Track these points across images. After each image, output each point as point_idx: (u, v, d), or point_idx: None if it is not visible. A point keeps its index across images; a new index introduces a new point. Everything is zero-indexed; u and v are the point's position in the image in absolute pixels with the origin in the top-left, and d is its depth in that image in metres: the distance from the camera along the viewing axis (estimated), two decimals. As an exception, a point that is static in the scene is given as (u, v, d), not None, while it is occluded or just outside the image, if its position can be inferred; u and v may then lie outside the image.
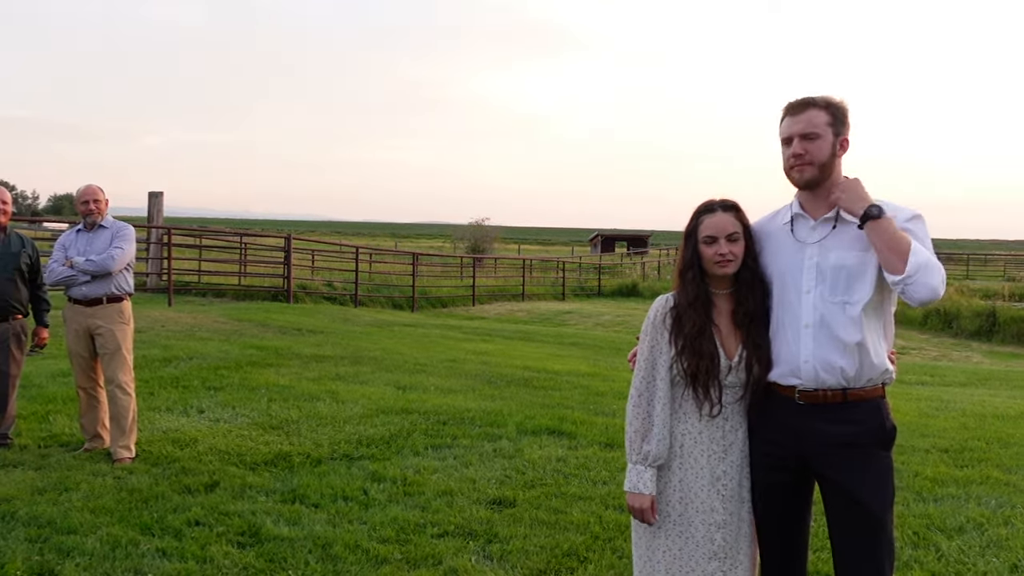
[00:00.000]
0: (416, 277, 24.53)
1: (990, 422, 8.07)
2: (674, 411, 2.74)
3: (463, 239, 48.57)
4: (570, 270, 37.49)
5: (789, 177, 2.67)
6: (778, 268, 2.70)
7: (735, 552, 2.73)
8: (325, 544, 4.20)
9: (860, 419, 2.60)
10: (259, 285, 20.62)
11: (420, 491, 5.13)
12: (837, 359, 2.57)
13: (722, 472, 2.72)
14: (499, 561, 4.12)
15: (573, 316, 23.62)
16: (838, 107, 2.62)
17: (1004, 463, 6.36)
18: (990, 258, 57.09)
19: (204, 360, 9.66)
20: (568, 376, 10.15)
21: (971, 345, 19.66)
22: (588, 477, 5.59)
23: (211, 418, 6.84)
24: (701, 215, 2.72)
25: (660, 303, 2.79)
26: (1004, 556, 4.42)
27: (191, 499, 4.82)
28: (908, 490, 5.55)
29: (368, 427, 6.70)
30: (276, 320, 14.45)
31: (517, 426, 6.94)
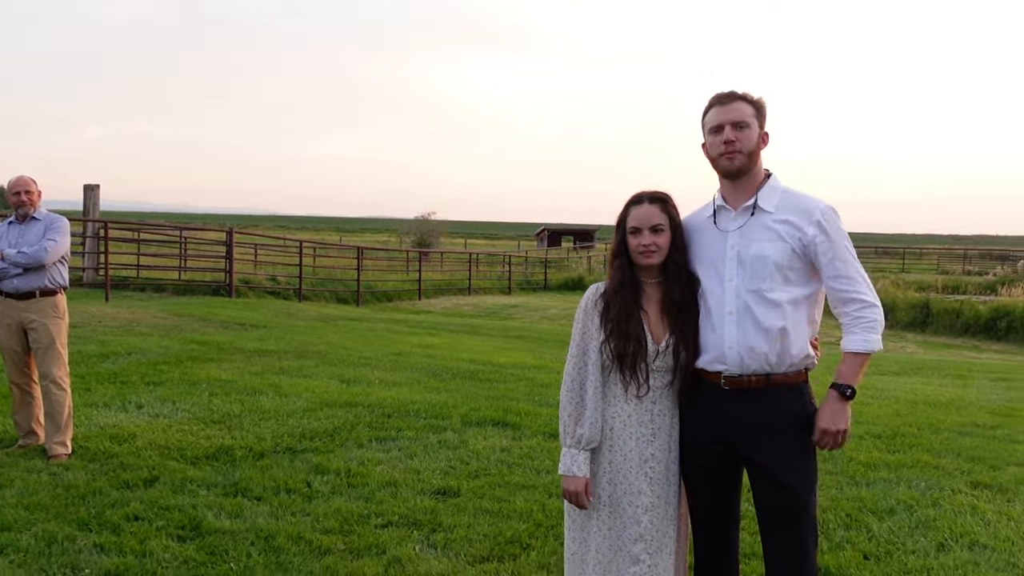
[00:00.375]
0: (361, 271, 24.36)
1: (921, 409, 8.34)
2: (604, 395, 2.80)
3: (409, 233, 48.39)
4: (516, 264, 37.59)
5: (717, 165, 2.75)
6: (703, 258, 2.78)
7: (661, 535, 2.79)
8: (268, 536, 4.17)
9: (783, 403, 2.69)
10: (200, 280, 20.27)
11: (364, 482, 5.12)
12: (760, 345, 2.65)
13: (650, 455, 2.79)
14: (443, 549, 4.14)
15: (519, 310, 23.70)
16: (760, 103, 2.74)
17: (934, 447, 6.58)
18: (925, 252, 58.72)
19: (143, 355, 9.49)
20: (513, 369, 10.19)
21: (906, 336, 20.24)
22: (532, 466, 5.64)
23: (150, 413, 6.73)
24: (630, 206, 2.80)
25: (591, 291, 2.86)
26: (932, 535, 4.58)
27: (130, 494, 4.74)
28: (842, 475, 5.72)
29: (312, 420, 6.65)
30: (218, 315, 14.24)
31: (462, 418, 6.97)
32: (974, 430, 7.36)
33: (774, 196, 2.71)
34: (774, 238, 2.66)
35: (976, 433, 7.23)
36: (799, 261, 2.67)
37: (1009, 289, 25.58)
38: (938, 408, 8.43)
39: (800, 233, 2.65)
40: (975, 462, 6.18)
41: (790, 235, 2.65)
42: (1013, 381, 11.17)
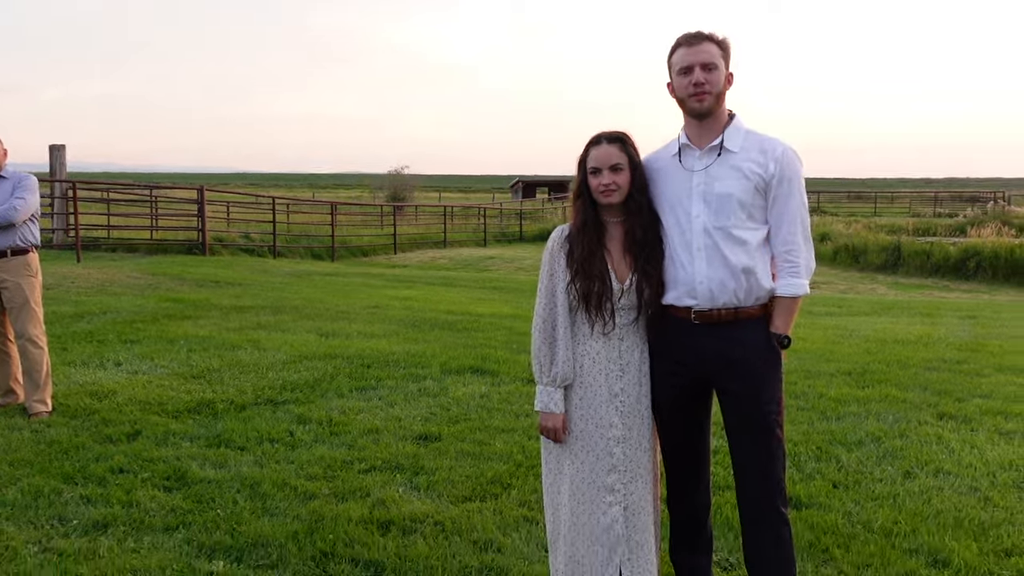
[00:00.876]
0: (335, 227, 24.23)
1: (890, 347, 8.53)
2: (573, 334, 2.86)
3: (382, 188, 48.01)
4: (491, 216, 37.52)
5: (685, 106, 2.77)
6: (668, 197, 2.83)
7: (634, 466, 2.88)
8: (253, 484, 4.24)
9: (751, 334, 2.77)
10: (172, 239, 20.09)
11: (346, 430, 5.19)
12: (729, 280, 2.72)
13: (620, 389, 2.86)
14: (426, 491, 4.23)
15: (495, 261, 23.75)
16: (726, 43, 2.76)
17: (902, 383, 6.76)
18: (896, 196, 59.22)
19: (118, 315, 9.45)
20: (491, 318, 10.27)
21: (877, 278, 20.52)
22: (510, 411, 5.74)
23: (129, 370, 6.73)
24: (589, 147, 2.84)
25: (556, 233, 2.91)
26: (898, 464, 4.74)
27: (113, 448, 4.78)
28: (813, 410, 5.87)
29: (291, 373, 6.70)
30: (192, 273, 14.17)
31: (441, 366, 7.04)
32: (941, 365, 7.56)
33: (738, 136, 2.76)
34: (739, 177, 2.72)
35: (943, 368, 7.42)
36: (761, 199, 2.73)
37: (978, 230, 25.95)
38: (907, 345, 8.63)
39: (762, 170, 2.70)
40: (941, 395, 6.36)
41: (753, 173, 2.71)
42: (980, 318, 11.42)
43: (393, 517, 3.86)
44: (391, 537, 3.67)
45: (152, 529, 3.71)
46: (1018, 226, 28.43)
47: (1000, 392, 6.49)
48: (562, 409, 2.84)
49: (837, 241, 24.08)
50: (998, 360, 7.86)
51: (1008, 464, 4.76)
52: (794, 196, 2.73)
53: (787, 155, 2.72)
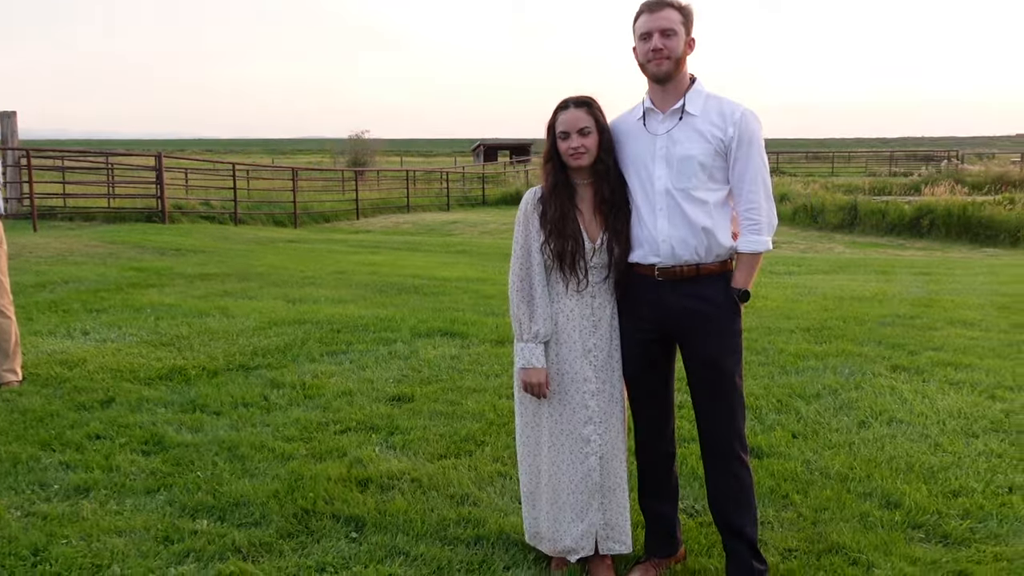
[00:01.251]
0: (297, 192, 24.05)
1: (847, 303, 8.78)
2: (548, 292, 2.98)
3: (343, 153, 47.55)
4: (454, 181, 37.43)
5: (646, 70, 2.88)
6: (633, 159, 2.95)
7: (608, 416, 3.03)
8: (231, 446, 4.32)
9: (711, 290, 2.91)
10: (131, 207, 19.81)
11: (320, 394, 5.28)
12: (689, 238, 2.85)
13: (593, 345, 3.00)
14: (402, 450, 4.35)
15: (459, 225, 23.77)
16: (688, 9, 2.86)
17: (858, 337, 6.99)
18: (853, 156, 59.99)
19: (82, 284, 9.38)
20: (457, 282, 10.36)
21: (835, 237, 20.92)
22: (481, 371, 5.86)
23: (97, 339, 6.73)
24: (557, 112, 2.94)
25: (529, 195, 3.02)
26: (854, 415, 4.95)
27: (88, 415, 4.82)
28: (773, 365, 6.07)
29: (262, 339, 6.75)
30: (153, 241, 14.04)
31: (411, 330, 7.13)
32: (895, 320, 7.81)
33: (699, 100, 2.87)
34: (699, 139, 2.84)
35: (897, 323, 7.67)
36: (721, 160, 2.85)
37: (932, 188, 26.51)
38: (863, 302, 8.89)
39: (721, 133, 2.82)
40: (895, 348, 6.60)
41: (713, 136, 2.82)
42: (933, 275, 11.75)
43: (371, 475, 3.98)
44: (370, 494, 3.78)
45: (133, 492, 3.78)
46: (970, 184, 29.07)
47: (951, 344, 6.74)
48: (544, 364, 2.97)
49: (796, 201, 24.45)
50: (949, 314, 8.14)
51: (957, 412, 4.99)
52: (754, 157, 2.84)
53: (746, 118, 2.83)
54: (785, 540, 3.39)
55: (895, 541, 3.35)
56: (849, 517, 3.59)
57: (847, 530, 3.45)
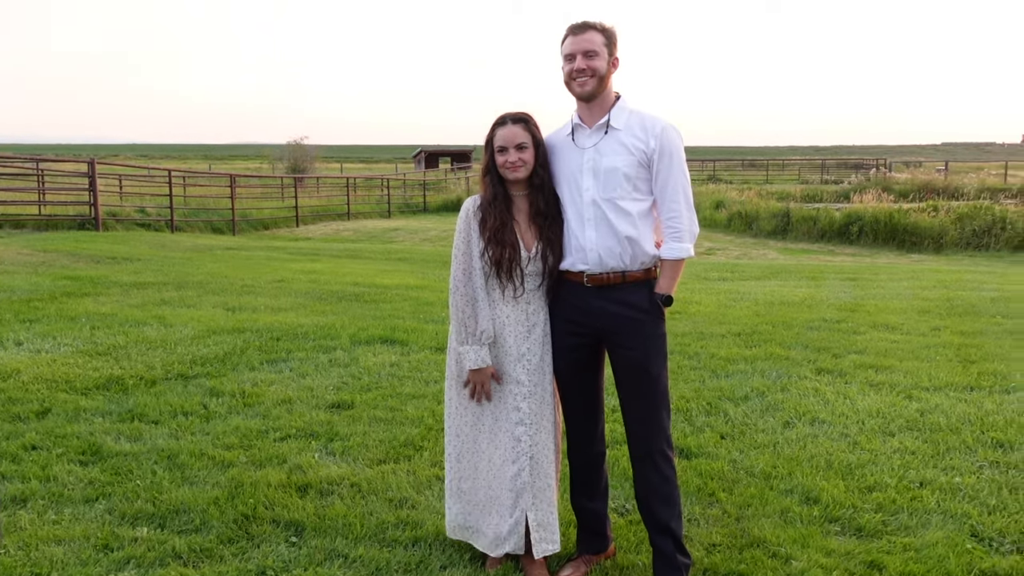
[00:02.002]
0: (235, 199, 23.77)
1: (777, 308, 9.08)
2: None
3: (282, 159, 47.05)
4: (395, 187, 37.36)
5: (570, 88, 3.06)
6: (564, 172, 3.12)
7: (539, 418, 3.18)
8: (170, 455, 4.34)
9: (636, 296, 3.07)
10: (63, 214, 19.36)
11: (259, 402, 5.31)
12: (615, 246, 3.03)
13: (526, 349, 3.15)
14: (341, 456, 4.42)
15: (400, 233, 23.75)
16: (611, 31, 3.04)
17: (786, 341, 7.26)
18: (787, 163, 61.51)
19: (13, 293, 9.20)
20: (397, 289, 10.42)
21: (768, 243, 21.45)
22: (421, 378, 5.95)
23: (31, 349, 6.64)
24: (495, 128, 3.10)
25: (469, 203, 3.15)
26: (779, 416, 5.17)
27: (23, 426, 4.78)
28: (704, 369, 6.28)
29: (201, 347, 6.73)
30: (87, 249, 13.78)
31: (351, 337, 7.19)
32: (822, 324, 8.12)
33: (623, 115, 3.05)
34: (623, 152, 3.01)
35: (823, 327, 7.98)
36: (645, 172, 3.03)
37: (861, 196, 27.31)
38: (792, 307, 9.20)
39: (644, 146, 3.00)
40: (820, 352, 6.88)
41: (636, 148, 3.00)
42: (860, 280, 12.18)
43: (311, 481, 4.04)
44: (310, 499, 3.85)
45: (72, 501, 3.79)
46: (898, 192, 30.06)
47: (873, 348, 7.05)
48: (490, 363, 3.10)
49: (731, 208, 25.00)
50: (873, 318, 8.48)
51: (876, 412, 5.25)
52: (675, 168, 3.02)
53: (666, 131, 3.01)
54: (710, 536, 3.56)
55: (812, 535, 3.55)
56: (771, 513, 3.78)
57: (768, 525, 3.64)
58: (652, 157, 3.00)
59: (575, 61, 2.99)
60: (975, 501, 3.90)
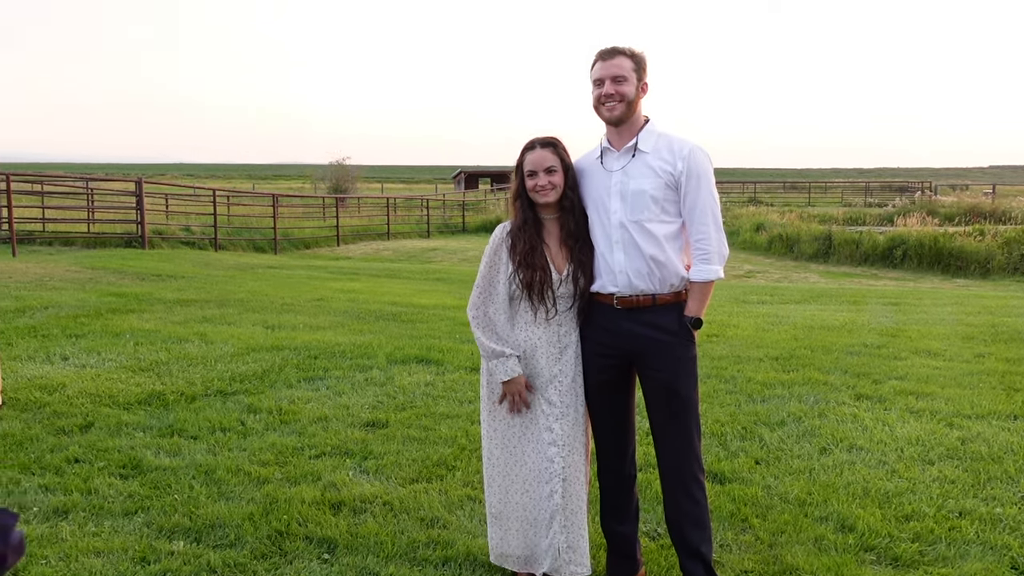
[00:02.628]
0: (277, 219, 24.13)
1: (817, 332, 8.98)
2: (516, 322, 3.15)
3: (324, 179, 47.67)
4: (434, 208, 37.64)
5: (599, 113, 3.09)
6: (592, 195, 3.15)
7: (571, 440, 3.19)
8: (207, 470, 4.42)
9: (667, 318, 3.08)
10: (111, 232, 19.83)
11: (296, 419, 5.38)
12: (643, 268, 3.04)
13: (558, 371, 3.17)
14: (375, 474, 4.46)
15: (438, 253, 23.92)
16: (640, 57, 3.08)
17: (824, 366, 7.17)
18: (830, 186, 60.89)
19: (61, 309, 9.43)
20: (435, 309, 10.49)
21: (809, 267, 21.23)
22: (455, 398, 5.98)
23: (77, 364, 6.80)
24: (524, 152, 3.14)
25: (499, 230, 3.21)
26: (816, 442, 5.11)
27: (67, 439, 4.90)
28: (741, 393, 6.23)
29: (240, 365, 6.84)
30: (133, 267, 14.07)
31: (387, 357, 7.25)
32: (862, 349, 8.01)
33: (652, 139, 3.07)
34: (651, 174, 3.03)
35: (863, 352, 7.87)
36: (673, 194, 3.04)
37: (905, 219, 26.93)
38: (832, 331, 9.09)
39: (671, 168, 3.02)
40: (860, 377, 6.78)
41: (663, 171, 3.02)
42: (903, 305, 11.99)
43: (344, 498, 4.09)
44: (342, 516, 3.90)
45: (112, 514, 3.87)
46: (943, 215, 29.59)
47: (914, 374, 6.94)
48: (520, 372, 3.12)
49: (772, 231, 24.80)
50: (915, 344, 8.35)
51: (915, 439, 5.16)
52: (703, 190, 3.03)
53: (694, 153, 3.03)
54: (742, 562, 3.53)
55: (847, 563, 3.50)
56: (804, 540, 3.73)
57: (801, 553, 3.60)
58: (680, 179, 3.02)
59: (604, 86, 3.03)
60: (1016, 532, 3.82)
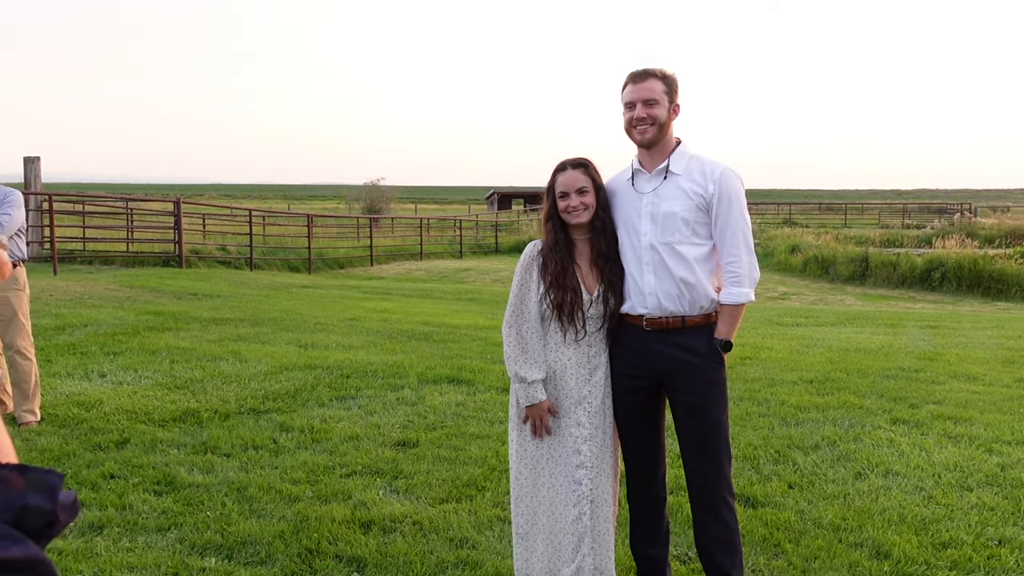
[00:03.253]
0: (312, 239, 24.38)
1: (852, 356, 8.86)
2: (545, 342, 3.14)
3: (358, 200, 48.14)
4: (467, 228, 37.79)
5: (630, 136, 3.09)
6: (622, 216, 3.15)
7: (600, 462, 3.17)
8: (240, 487, 4.45)
9: (696, 341, 3.06)
10: (149, 251, 20.16)
11: (327, 437, 5.41)
12: (673, 290, 3.03)
13: (587, 392, 3.15)
14: (405, 494, 4.47)
15: (471, 273, 23.99)
16: (672, 79, 3.07)
17: (860, 390, 7.07)
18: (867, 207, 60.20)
19: (99, 327, 9.59)
20: (467, 329, 10.51)
21: (846, 289, 20.97)
22: (486, 418, 5.98)
23: (114, 381, 6.91)
24: (556, 173, 3.15)
25: (529, 248, 3.21)
26: (851, 466, 5.03)
27: (103, 455, 4.97)
28: (774, 416, 6.16)
29: (273, 383, 6.90)
30: (170, 286, 14.29)
31: (418, 376, 7.27)
32: (899, 373, 7.88)
33: (683, 161, 3.07)
34: (682, 196, 3.03)
35: (900, 376, 7.75)
36: (704, 216, 3.03)
37: (943, 241, 26.54)
38: (868, 355, 8.96)
39: (703, 190, 3.01)
40: (896, 401, 6.68)
41: (695, 193, 3.01)
42: (940, 328, 11.80)
43: (374, 517, 4.10)
44: (372, 535, 3.90)
45: (145, 530, 3.92)
46: (983, 237, 29.13)
47: (952, 399, 6.81)
48: (545, 397, 3.12)
49: (807, 252, 24.56)
50: (954, 368, 8.20)
51: (953, 465, 5.07)
52: (734, 212, 3.02)
53: (725, 176, 3.02)
54: (774, 587, 3.48)
55: (882, 590, 3.44)
56: (839, 567, 3.67)
57: (836, 579, 3.54)
58: (711, 201, 3.01)
59: (635, 109, 3.03)
60: (1058, 562, 3.73)
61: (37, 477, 0.82)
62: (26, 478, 0.82)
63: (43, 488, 0.82)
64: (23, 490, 0.81)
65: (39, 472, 0.83)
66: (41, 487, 0.82)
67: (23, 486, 0.81)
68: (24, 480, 0.82)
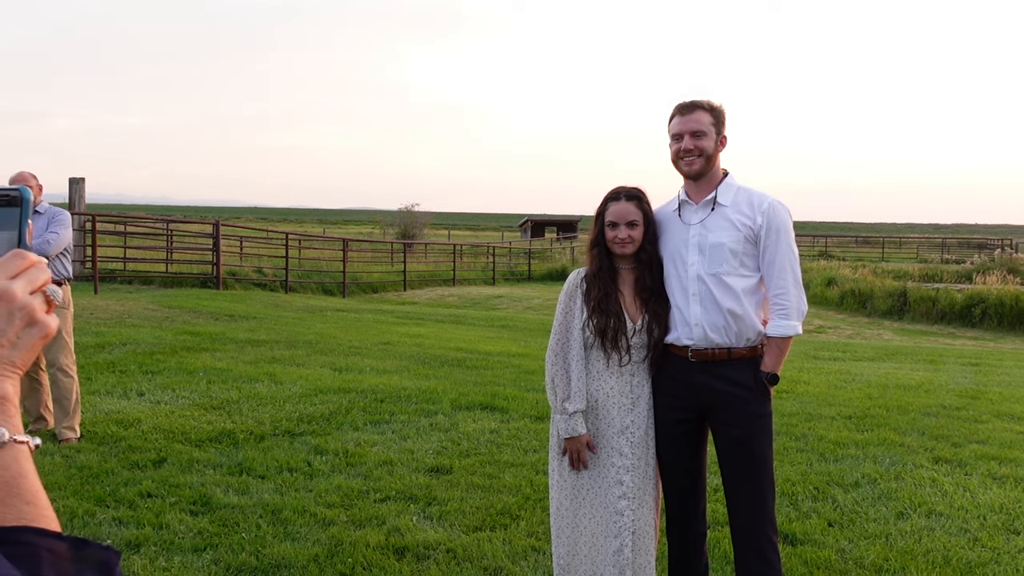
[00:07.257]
0: (346, 263, 24.56)
1: (892, 391, 8.71)
2: (588, 370, 3.12)
3: (393, 225, 48.49)
4: (500, 255, 37.88)
5: (677, 167, 3.10)
6: (669, 247, 3.14)
7: (642, 493, 3.13)
8: (274, 510, 4.46)
9: (743, 373, 3.03)
10: (187, 272, 20.43)
11: (362, 462, 5.41)
12: (719, 321, 3.01)
13: (630, 422, 3.12)
14: (438, 520, 4.45)
15: (504, 300, 23.99)
16: (719, 110, 3.08)
17: (900, 427, 6.94)
18: (905, 241, 59.46)
19: (138, 346, 9.71)
20: (499, 356, 10.50)
21: (883, 323, 20.67)
22: (519, 446, 5.95)
23: (152, 400, 6.98)
24: (608, 201, 3.14)
25: (573, 276, 3.20)
26: (892, 505, 4.93)
27: (141, 474, 5.01)
28: (813, 452, 6.06)
29: (308, 406, 6.93)
30: (207, 306, 14.45)
31: (452, 402, 7.27)
32: (940, 411, 7.73)
33: (730, 192, 3.06)
34: (729, 228, 3.01)
35: (942, 414, 7.60)
36: (751, 247, 3.01)
37: (984, 277, 26.08)
38: (907, 391, 8.81)
39: (751, 222, 2.99)
40: (938, 440, 6.54)
41: (743, 225, 3.00)
42: (982, 366, 11.58)
43: (408, 544, 4.08)
44: (406, 562, 3.88)
45: (182, 550, 3.93)
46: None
47: (996, 438, 6.66)
48: (585, 431, 3.09)
49: (843, 286, 24.25)
50: (997, 407, 8.03)
51: (999, 507, 4.94)
52: (782, 244, 2.99)
53: (774, 208, 3.00)
54: (815, 628, 3.40)
55: (927, 634, 3.34)
56: (882, 608, 3.58)
57: (879, 621, 3.45)
58: (759, 233, 2.99)
59: (683, 141, 3.03)
60: (1111, 611, 3.61)
61: (94, 554, 0.78)
62: (82, 553, 0.78)
63: (99, 565, 0.78)
64: (75, 566, 0.76)
65: (96, 548, 0.79)
66: (96, 565, 0.78)
67: (69, 558, 0.76)
68: (70, 552, 0.77)
